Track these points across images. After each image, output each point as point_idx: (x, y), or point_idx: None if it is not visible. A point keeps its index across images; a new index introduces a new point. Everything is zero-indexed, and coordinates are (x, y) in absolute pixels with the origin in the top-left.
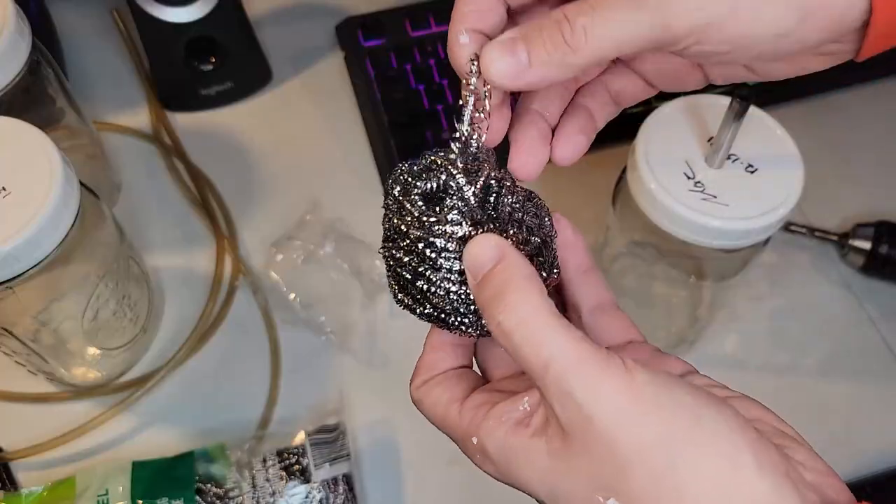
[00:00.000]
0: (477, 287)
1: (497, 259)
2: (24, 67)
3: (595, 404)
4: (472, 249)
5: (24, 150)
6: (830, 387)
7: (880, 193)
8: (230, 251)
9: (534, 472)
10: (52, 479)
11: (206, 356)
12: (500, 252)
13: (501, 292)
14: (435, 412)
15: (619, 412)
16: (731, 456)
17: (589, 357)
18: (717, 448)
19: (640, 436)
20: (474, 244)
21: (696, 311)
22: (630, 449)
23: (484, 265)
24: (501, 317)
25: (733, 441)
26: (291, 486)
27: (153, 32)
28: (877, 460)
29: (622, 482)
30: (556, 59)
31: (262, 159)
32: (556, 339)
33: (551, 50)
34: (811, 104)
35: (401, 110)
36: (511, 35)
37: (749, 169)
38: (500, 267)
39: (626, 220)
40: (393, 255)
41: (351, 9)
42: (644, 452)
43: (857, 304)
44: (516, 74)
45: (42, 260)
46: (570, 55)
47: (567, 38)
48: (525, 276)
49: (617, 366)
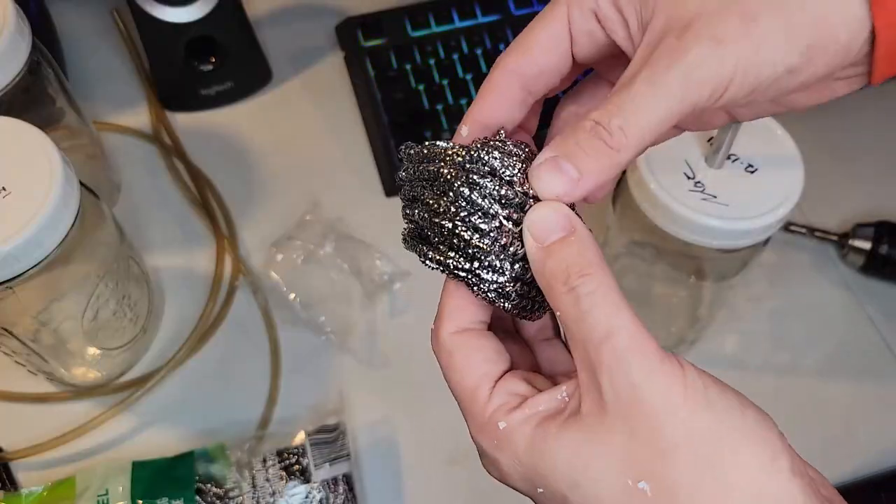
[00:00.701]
0: (542, 252)
1: (568, 229)
2: (24, 67)
3: (648, 385)
4: (542, 212)
5: (24, 150)
6: (830, 387)
7: (880, 193)
8: (230, 251)
9: (561, 456)
10: (52, 479)
11: (206, 356)
12: (571, 222)
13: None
14: (464, 378)
15: (671, 398)
16: (772, 457)
17: (650, 342)
18: (761, 448)
19: (690, 424)
20: (544, 207)
21: (696, 311)
22: (677, 435)
23: (554, 231)
24: (578, 282)
25: (773, 444)
26: (291, 486)
27: (153, 32)
28: (877, 460)
29: (662, 466)
30: (605, 163)
31: (262, 159)
32: (624, 316)
33: (598, 157)
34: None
35: (401, 110)
36: (550, 154)
37: (749, 169)
38: (574, 237)
39: (626, 220)
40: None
41: (351, 9)
42: (691, 440)
43: (857, 305)
44: (572, 189)
45: (42, 260)
46: (615, 156)
47: (608, 141)
48: (598, 249)
49: (671, 359)
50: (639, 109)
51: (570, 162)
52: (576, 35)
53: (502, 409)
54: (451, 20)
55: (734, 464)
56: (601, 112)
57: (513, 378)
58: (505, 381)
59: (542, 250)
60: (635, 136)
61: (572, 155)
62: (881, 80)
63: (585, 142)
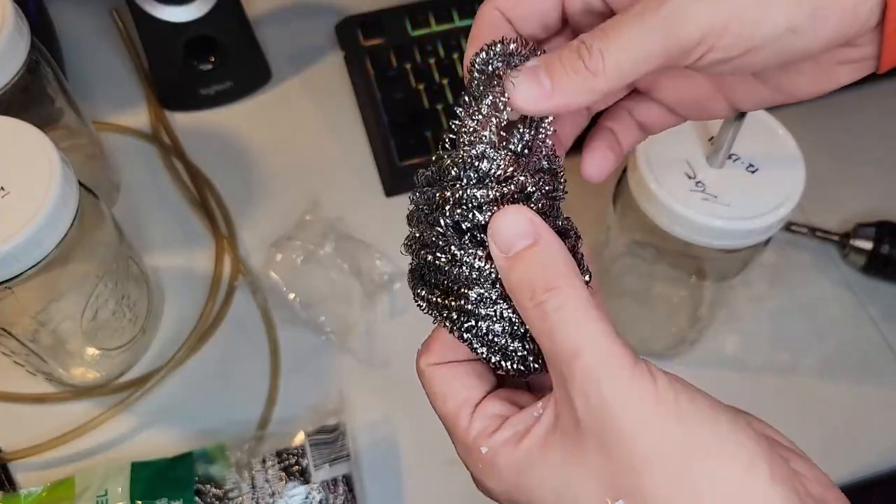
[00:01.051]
0: (507, 262)
1: (533, 236)
2: (22, 67)
3: (619, 401)
4: (505, 219)
5: (24, 150)
6: (831, 387)
7: (881, 193)
8: (229, 251)
9: (543, 476)
10: (51, 479)
11: (206, 356)
12: (536, 229)
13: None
14: (445, 405)
15: (642, 413)
16: (747, 464)
17: (621, 355)
18: (734, 456)
19: (661, 438)
20: (508, 213)
21: (696, 312)
22: (649, 450)
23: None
24: (544, 297)
25: (749, 450)
26: (291, 487)
27: (152, 32)
28: (877, 460)
29: (637, 483)
30: (577, 84)
31: (262, 159)
32: (593, 330)
33: (572, 75)
34: (812, 104)
35: (401, 110)
36: (533, 63)
37: (750, 169)
38: (539, 247)
39: (627, 220)
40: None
41: (351, 8)
42: (663, 454)
43: (858, 305)
44: (539, 100)
45: (41, 260)
46: (590, 79)
47: (586, 62)
48: (566, 259)
49: (642, 369)
50: (621, 37)
51: (548, 74)
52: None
53: (483, 434)
54: (451, 19)
55: (708, 475)
56: (589, 34)
57: (493, 400)
58: (484, 406)
59: (507, 260)
60: (613, 64)
61: (551, 68)
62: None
63: (567, 59)
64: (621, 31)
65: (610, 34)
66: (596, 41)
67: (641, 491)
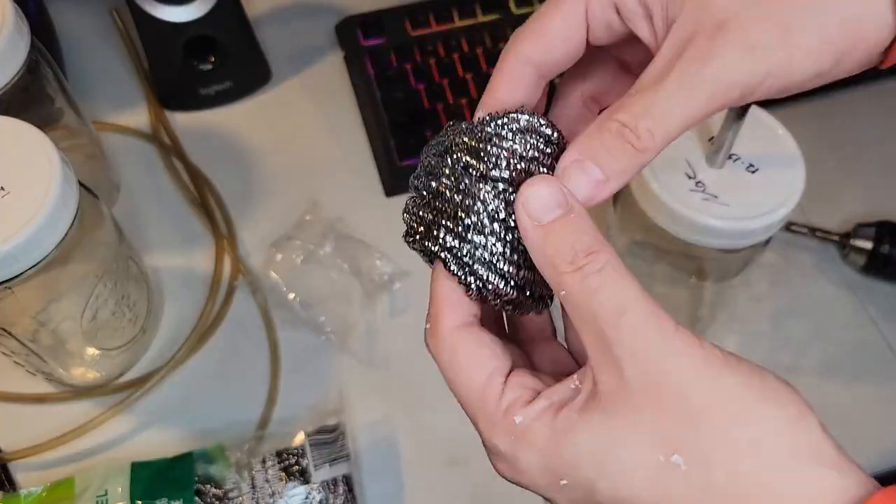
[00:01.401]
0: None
1: (566, 206)
2: (22, 67)
3: (669, 356)
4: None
5: (23, 150)
6: (831, 387)
7: (881, 193)
8: (229, 251)
9: (585, 441)
10: (51, 479)
11: (206, 356)
12: (568, 199)
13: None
14: (471, 376)
15: (693, 366)
16: (801, 415)
17: (664, 314)
18: (787, 407)
19: (715, 389)
20: (539, 183)
21: (696, 312)
22: (704, 401)
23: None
24: (586, 261)
25: (798, 403)
26: (291, 487)
27: (152, 32)
28: (877, 460)
29: (695, 433)
30: (628, 164)
31: (262, 159)
32: (635, 291)
33: (624, 159)
34: (812, 104)
35: (401, 110)
36: (574, 157)
37: (750, 169)
38: (575, 215)
39: (627, 220)
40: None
41: (351, 8)
42: (718, 405)
43: (859, 305)
44: (599, 192)
45: (41, 260)
46: (641, 157)
47: (636, 144)
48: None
49: (684, 328)
50: (668, 112)
51: (597, 164)
52: (592, 24)
53: (517, 403)
54: (451, 19)
55: (763, 419)
56: (627, 114)
57: (522, 373)
58: (515, 376)
59: (540, 229)
60: (663, 138)
61: (598, 157)
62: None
63: (612, 144)
64: (668, 107)
65: (655, 113)
66: (642, 121)
67: (699, 444)
